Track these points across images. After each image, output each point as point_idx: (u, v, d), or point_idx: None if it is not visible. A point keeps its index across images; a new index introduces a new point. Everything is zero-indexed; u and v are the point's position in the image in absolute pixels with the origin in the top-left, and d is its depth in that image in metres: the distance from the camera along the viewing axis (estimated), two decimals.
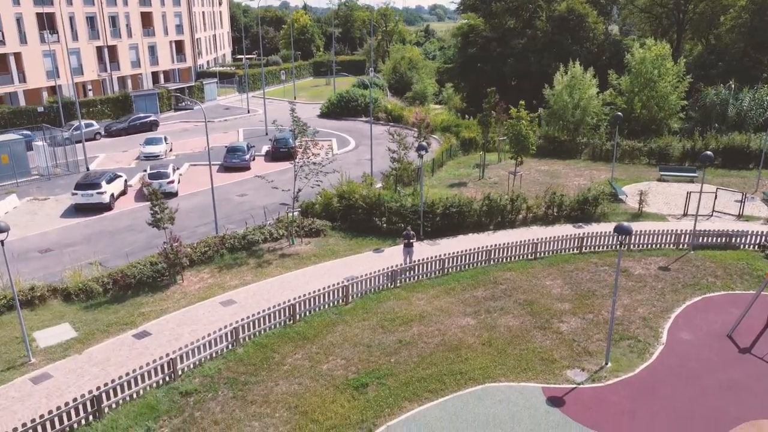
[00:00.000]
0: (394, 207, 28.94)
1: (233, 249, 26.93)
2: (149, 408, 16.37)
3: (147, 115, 56.27)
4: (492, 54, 57.00)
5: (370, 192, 29.89)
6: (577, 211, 31.02)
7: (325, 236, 28.92)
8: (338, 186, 31.20)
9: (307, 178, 27.26)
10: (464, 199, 29.57)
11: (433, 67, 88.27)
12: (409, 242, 24.79)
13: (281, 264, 25.89)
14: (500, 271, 24.97)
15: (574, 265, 25.63)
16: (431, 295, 22.96)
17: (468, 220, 29.42)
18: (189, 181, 39.82)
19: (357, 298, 22.63)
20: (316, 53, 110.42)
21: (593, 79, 45.42)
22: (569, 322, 20.90)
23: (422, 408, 16.46)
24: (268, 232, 28.32)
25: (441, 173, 40.32)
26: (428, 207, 28.84)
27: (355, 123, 59.69)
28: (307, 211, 31.08)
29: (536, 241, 26.17)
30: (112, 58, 71.01)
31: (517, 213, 30.49)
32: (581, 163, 43.15)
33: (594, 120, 45.07)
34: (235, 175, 40.80)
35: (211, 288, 23.76)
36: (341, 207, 30.00)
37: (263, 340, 19.75)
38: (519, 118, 32.12)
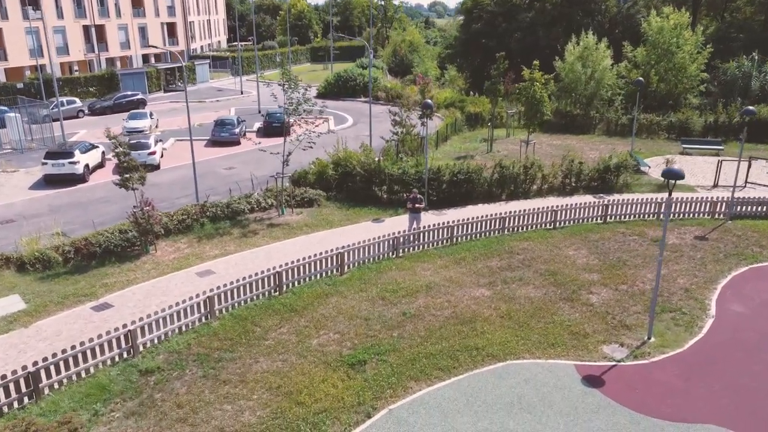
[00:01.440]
0: (395, 174, 26.02)
1: (215, 218, 24.01)
2: (100, 388, 13.45)
3: (134, 93, 53.30)
4: (497, 29, 54.05)
5: (369, 158, 26.96)
6: (597, 181, 28.12)
7: (318, 206, 26.01)
8: (334, 153, 28.25)
9: (299, 139, 24.32)
10: (474, 165, 26.64)
11: (434, 53, 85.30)
12: (415, 207, 21.92)
13: (269, 234, 22.97)
14: (516, 240, 22.06)
15: (599, 234, 22.72)
16: (439, 265, 20.05)
17: (478, 189, 26.52)
18: (174, 155, 36.89)
19: (354, 267, 19.72)
20: (313, 39, 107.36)
21: (607, 50, 42.45)
22: (600, 294, 17.98)
23: (431, 388, 13.55)
24: (256, 201, 25.41)
25: (445, 147, 37.40)
26: (434, 174, 25.94)
27: (353, 103, 56.77)
28: (299, 180, 28.18)
29: (556, 209, 23.24)
30: (100, 38, 68.01)
31: (532, 182, 27.57)
32: (596, 138, 40.22)
33: (609, 93, 42.11)
34: (224, 150, 37.89)
35: (187, 258, 20.84)
36: (337, 175, 27.09)
37: (243, 312, 16.82)
38: (532, 81, 29.16)
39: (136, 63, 72.84)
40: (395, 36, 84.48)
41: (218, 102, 58.41)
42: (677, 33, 41.60)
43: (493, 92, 34.95)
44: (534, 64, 30.01)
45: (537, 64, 30.12)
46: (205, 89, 66.15)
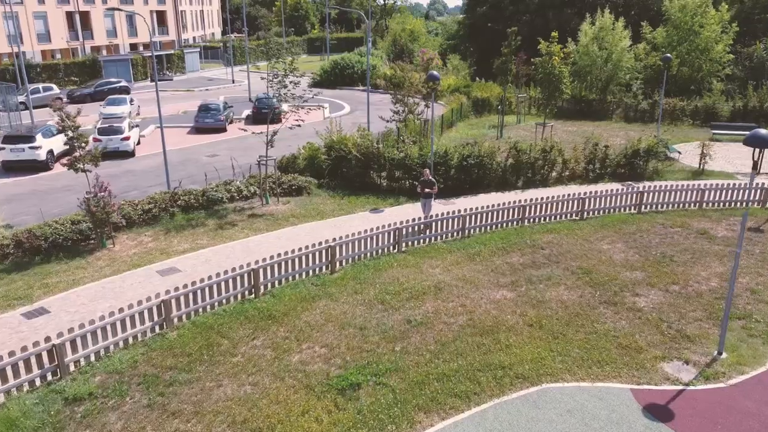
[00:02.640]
0: (396, 158, 22.73)
1: (188, 208, 20.72)
2: (6, 425, 10.15)
3: (117, 81, 49.95)
4: (505, 12, 50.73)
5: (367, 140, 23.66)
6: (625, 168, 24.86)
7: (309, 195, 22.72)
8: (326, 136, 24.94)
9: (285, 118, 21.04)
10: (485, 148, 23.35)
11: (436, 43, 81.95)
12: (427, 191, 18.72)
13: (249, 225, 19.68)
14: (539, 233, 18.78)
15: (634, 226, 19.44)
16: (449, 261, 16.76)
17: (490, 175, 23.24)
18: (153, 142, 33.55)
19: (347, 264, 16.44)
20: (310, 31, 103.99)
21: (624, 30, 39.19)
22: (648, 296, 14.71)
23: (446, 423, 10.28)
24: (236, 189, 22.12)
25: (451, 133, 34.09)
26: (440, 158, 22.66)
27: (351, 91, 53.50)
28: (287, 167, 24.91)
29: (583, 196, 19.95)
30: (84, 25, 64.64)
31: (551, 168, 24.30)
32: (614, 124, 36.93)
33: (627, 77, 38.82)
34: (208, 137, 34.59)
35: (150, 253, 17.54)
36: (330, 160, 23.79)
37: (208, 319, 13.54)
38: (550, 55, 25.86)
39: (124, 52, 69.47)
40: (395, 25, 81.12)
41: (208, 90, 55.07)
42: (702, 11, 38.30)
43: (504, 72, 31.64)
44: (552, 35, 26.73)
45: (556, 36, 26.81)
46: (195, 78, 62.82)
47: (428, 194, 18.84)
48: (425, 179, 18.85)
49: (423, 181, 18.94)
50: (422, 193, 18.91)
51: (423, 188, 18.84)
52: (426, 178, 18.89)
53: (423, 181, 18.94)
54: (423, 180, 18.96)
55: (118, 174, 26.98)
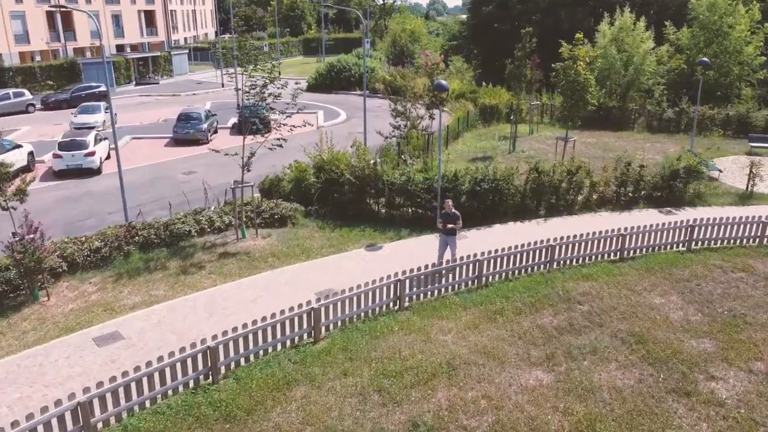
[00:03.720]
0: (398, 182, 19.28)
1: (148, 245, 17.26)
2: None
3: (96, 85, 46.49)
4: (512, 12, 47.32)
5: (362, 160, 20.19)
6: (663, 191, 21.42)
7: (294, 225, 19.26)
8: (315, 155, 21.49)
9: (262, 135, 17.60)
10: (502, 170, 19.90)
11: (437, 44, 78.55)
12: (450, 226, 15.39)
13: (218, 269, 16.21)
14: (572, 280, 15.33)
15: (687, 269, 15.99)
16: (465, 323, 13.31)
17: (507, 202, 19.80)
18: (127, 156, 30.04)
19: (336, 329, 12.99)
20: (306, 31, 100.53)
21: (647, 31, 35.79)
22: (727, 380, 11.26)
23: None
24: (207, 219, 18.67)
25: (458, 146, 30.65)
26: (449, 182, 19.21)
27: (347, 96, 50.04)
28: (271, 190, 21.47)
29: (624, 233, 16.49)
30: (66, 25, 61.11)
31: (577, 192, 20.87)
32: (637, 135, 33.48)
33: (650, 82, 35.38)
34: (187, 150, 31.11)
35: (91, 310, 14.08)
36: (320, 183, 20.34)
37: (142, 425, 10.07)
38: (574, 59, 22.42)
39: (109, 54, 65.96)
40: (395, 26, 77.68)
41: (195, 95, 51.64)
42: (732, 10, 34.87)
43: (517, 78, 28.19)
44: (577, 37, 23.30)
45: (581, 37, 23.36)
46: (182, 82, 59.40)
47: (451, 230, 15.45)
48: (448, 212, 15.45)
49: (445, 214, 15.54)
50: (444, 228, 15.52)
51: (445, 223, 15.44)
52: (449, 211, 15.48)
53: (445, 214, 15.54)
54: (445, 213, 15.56)
55: (76, 196, 23.57)
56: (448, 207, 15.61)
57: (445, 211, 15.71)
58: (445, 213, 15.65)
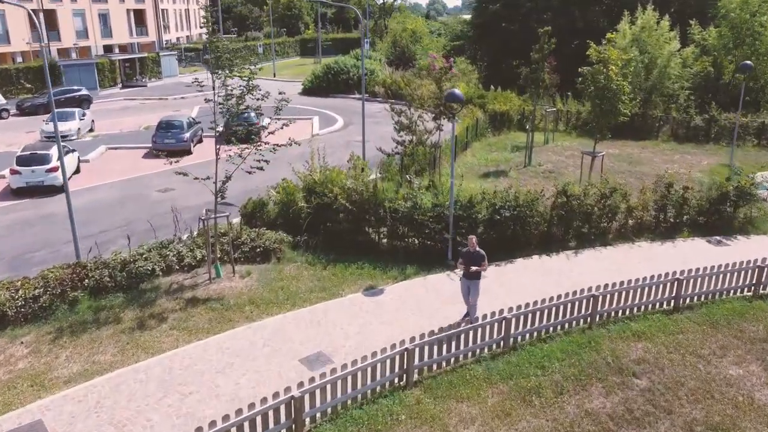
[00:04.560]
0: (402, 208, 16.25)
1: (100, 289, 14.25)
2: None
3: (76, 89, 43.44)
4: (520, 10, 44.28)
5: (360, 182, 17.13)
6: (708, 216, 18.43)
7: (279, 260, 16.24)
8: (305, 175, 18.46)
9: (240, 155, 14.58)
10: (525, 194, 16.87)
11: (439, 44, 75.54)
12: (473, 269, 12.54)
13: (183, 322, 13.20)
14: (620, 339, 12.33)
15: (760, 324, 12.99)
16: (492, 407, 10.29)
17: (531, 231, 16.79)
18: (100, 169, 27.21)
19: (323, 419, 9.96)
20: (304, 31, 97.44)
21: (672, 31, 32.82)
22: None
23: None
24: (176, 254, 15.66)
25: (467, 158, 27.64)
26: (463, 209, 16.20)
27: (345, 100, 47.02)
28: (254, 215, 18.45)
29: (680, 278, 13.46)
30: (50, 25, 57.96)
31: (611, 218, 17.86)
32: (663, 145, 30.46)
33: (676, 86, 32.36)
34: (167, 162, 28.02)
35: (14, 385, 11.06)
36: (310, 209, 17.33)
37: None
38: (604, 63, 19.40)
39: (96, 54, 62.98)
40: (395, 25, 74.69)
41: (183, 99, 48.55)
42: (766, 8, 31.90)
43: (534, 83, 25.17)
44: (608, 37, 20.29)
45: (613, 37, 20.33)
46: (171, 84, 56.30)
47: (474, 274, 12.50)
48: (470, 251, 12.53)
49: (466, 253, 12.61)
50: (466, 272, 12.56)
51: (467, 265, 12.49)
52: (472, 250, 12.55)
53: (466, 253, 12.61)
54: (466, 252, 12.63)
55: (33, 220, 20.58)
56: (472, 244, 12.63)
57: (467, 249, 12.74)
58: (467, 252, 12.69)
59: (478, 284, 12.81)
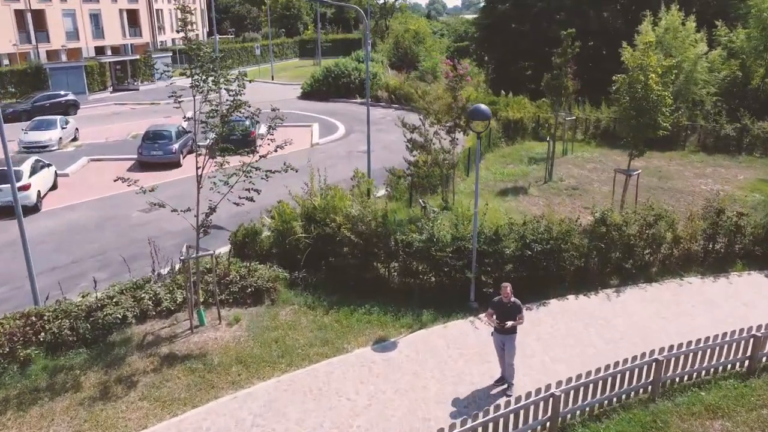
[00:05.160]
0: (417, 242, 13.94)
1: (59, 344, 11.95)
2: None
3: (63, 93, 41.13)
4: (531, 10, 41.98)
5: (367, 210, 14.78)
6: (764, 245, 16.13)
7: (273, 303, 13.93)
8: (302, 199, 16.13)
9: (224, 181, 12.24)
10: (558, 225, 14.57)
11: (443, 45, 73.39)
12: (509, 324, 10.40)
13: (157, 388, 10.89)
14: (691, 415, 10.03)
15: None
16: None
17: (565, 266, 14.48)
18: (80, 184, 24.91)
19: None
20: (303, 32, 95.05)
21: (698, 33, 30.55)
22: None
23: None
24: (152, 296, 13.35)
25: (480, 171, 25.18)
26: (488, 243, 13.89)
27: (346, 105, 44.75)
28: (245, 243, 16.15)
29: (757, 334, 11.15)
30: (38, 26, 55.65)
31: (656, 249, 15.56)
32: (692, 156, 28.13)
33: (702, 92, 30.08)
34: (155, 175, 25.63)
35: None
36: (309, 239, 15.01)
37: None
38: (642, 69, 17.10)
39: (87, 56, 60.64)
40: (397, 26, 72.35)
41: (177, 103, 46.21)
42: None
43: (556, 90, 22.87)
44: (648, 41, 18.00)
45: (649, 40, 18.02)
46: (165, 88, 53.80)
47: (509, 329, 10.27)
48: (504, 301, 10.33)
49: (499, 304, 10.45)
50: (499, 326, 10.33)
51: (501, 319, 10.29)
52: (506, 300, 10.32)
53: (499, 304, 10.45)
54: (499, 302, 10.46)
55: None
56: (507, 294, 10.39)
57: (499, 299, 10.51)
58: (500, 302, 10.46)
59: (514, 340, 10.58)
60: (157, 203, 12.58)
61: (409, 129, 17.22)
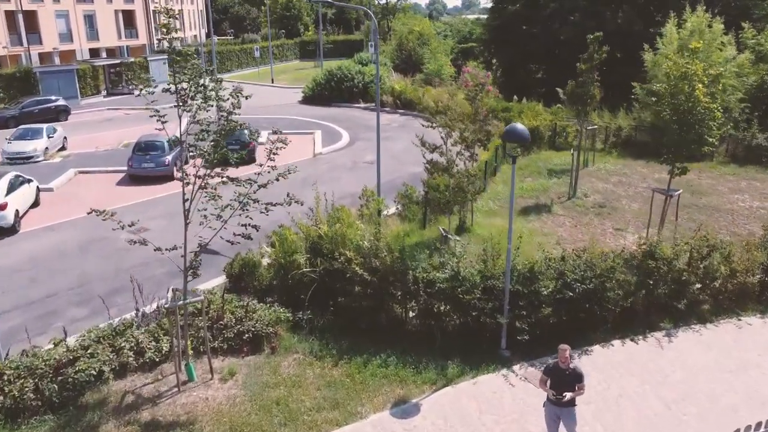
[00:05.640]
0: (439, 281, 12.06)
1: (20, 410, 10.10)
2: None
3: (53, 99, 39.31)
4: (543, 11, 40.13)
5: (381, 243, 12.87)
6: None
7: (273, 351, 12.07)
8: (305, 225, 14.25)
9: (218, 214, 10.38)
10: (600, 257, 12.71)
11: (447, 46, 71.39)
12: (567, 396, 8.61)
13: None
14: None
15: None
16: None
17: (608, 307, 12.61)
18: (61, 200, 23.05)
19: None
20: (303, 33, 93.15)
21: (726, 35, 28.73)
22: None
23: None
24: (133, 345, 11.51)
25: (497, 186, 23.48)
26: (521, 282, 12.02)
27: (349, 110, 42.92)
28: (241, 275, 14.36)
29: None
30: (30, 27, 53.75)
31: (709, 285, 13.71)
32: (722, 168, 26.31)
33: (731, 98, 28.21)
34: (145, 190, 23.99)
35: None
36: (314, 274, 13.15)
37: None
38: (687, 78, 15.22)
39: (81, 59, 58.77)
40: (400, 27, 70.42)
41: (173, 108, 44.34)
42: None
43: (581, 99, 21.00)
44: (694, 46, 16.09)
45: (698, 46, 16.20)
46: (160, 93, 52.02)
47: (567, 402, 8.48)
48: (561, 368, 8.65)
49: (554, 369, 8.77)
50: (555, 398, 8.51)
51: (557, 389, 8.58)
52: (564, 366, 8.57)
53: (554, 369, 8.77)
54: (554, 368, 8.78)
55: None
56: (565, 359, 8.60)
57: (554, 364, 8.72)
58: (556, 367, 8.66)
59: (573, 414, 8.84)
60: (137, 241, 10.69)
61: (429, 149, 15.29)
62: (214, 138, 10.50)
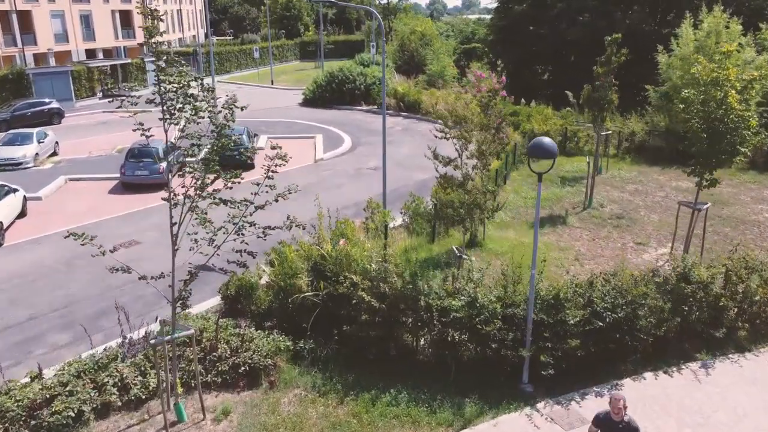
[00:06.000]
0: (454, 311, 10.94)
1: None
2: None
3: (46, 101, 38.17)
4: (551, 11, 39.00)
5: (390, 265, 11.75)
6: None
7: (272, 386, 10.95)
8: (307, 245, 13.12)
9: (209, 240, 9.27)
10: (630, 280, 11.60)
11: (450, 47, 70.34)
12: None
13: None
14: None
15: None
16: None
17: (639, 336, 11.48)
18: (49, 210, 21.95)
19: None
20: (303, 33, 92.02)
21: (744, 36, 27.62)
22: None
23: None
24: (117, 381, 10.40)
25: (508, 195, 22.34)
26: (545, 311, 10.90)
27: (351, 112, 41.81)
28: (238, 298, 13.27)
29: None
30: (25, 28, 52.58)
31: (747, 309, 12.59)
32: (741, 175, 25.14)
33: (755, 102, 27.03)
34: (138, 198, 22.88)
35: None
36: (318, 299, 12.03)
37: None
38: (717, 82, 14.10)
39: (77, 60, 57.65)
40: (401, 27, 69.32)
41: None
42: None
43: (598, 104, 19.88)
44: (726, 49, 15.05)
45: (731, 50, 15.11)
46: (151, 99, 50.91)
47: None
48: (614, 419, 7.68)
49: (606, 421, 7.77)
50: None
51: None
52: (617, 418, 7.59)
53: (606, 421, 7.77)
54: (605, 419, 7.78)
55: None
56: (618, 410, 7.54)
57: (606, 413, 7.67)
58: (607, 418, 7.62)
59: None
60: (119, 268, 9.58)
61: (443, 162, 14.14)
62: (204, 156, 9.33)
